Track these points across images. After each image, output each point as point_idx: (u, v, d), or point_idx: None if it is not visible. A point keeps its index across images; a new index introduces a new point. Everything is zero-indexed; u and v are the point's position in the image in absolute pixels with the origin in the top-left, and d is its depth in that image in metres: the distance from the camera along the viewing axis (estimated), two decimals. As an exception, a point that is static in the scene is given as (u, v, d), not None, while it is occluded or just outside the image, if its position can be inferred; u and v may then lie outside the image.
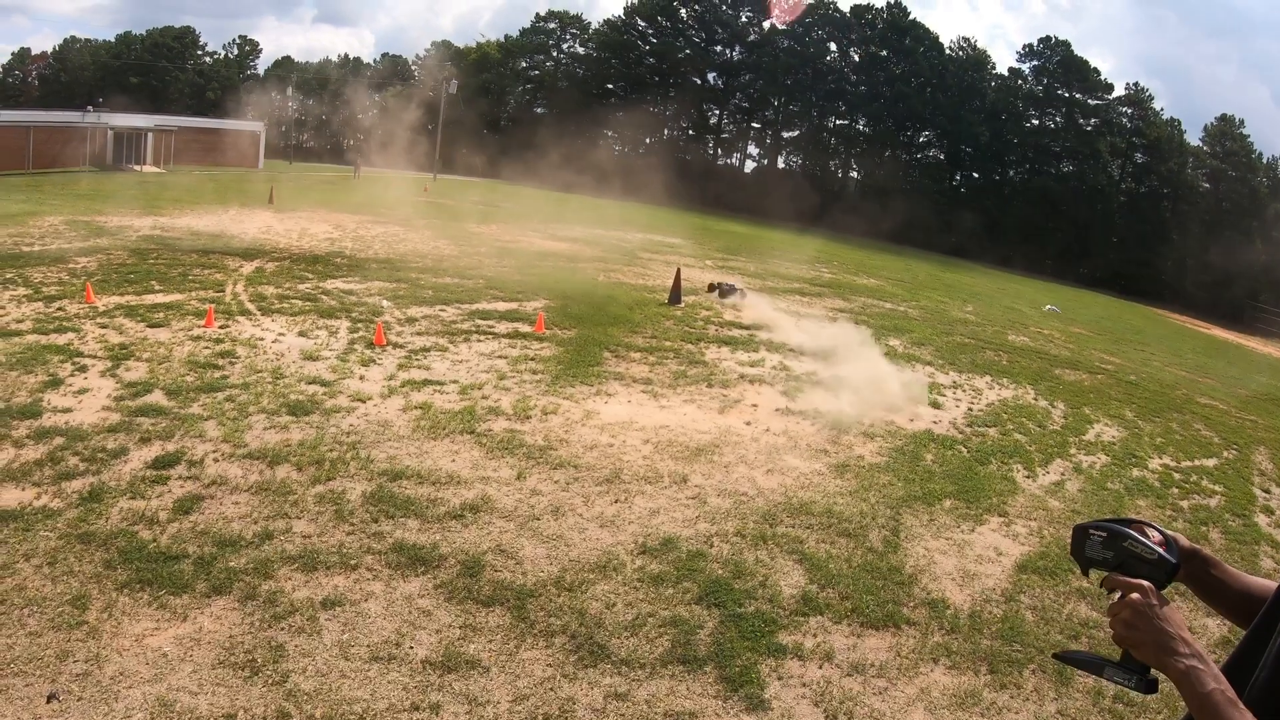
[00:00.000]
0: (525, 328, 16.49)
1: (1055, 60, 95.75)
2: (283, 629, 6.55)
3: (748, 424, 12.37)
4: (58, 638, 6.29)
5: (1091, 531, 2.33)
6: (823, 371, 16.03)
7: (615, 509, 8.99)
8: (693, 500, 9.44)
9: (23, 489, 8.54)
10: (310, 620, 6.67)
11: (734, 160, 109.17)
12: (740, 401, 13.41)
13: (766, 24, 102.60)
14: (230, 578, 7.11)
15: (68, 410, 10.63)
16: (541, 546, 8.06)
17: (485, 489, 9.13)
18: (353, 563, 7.48)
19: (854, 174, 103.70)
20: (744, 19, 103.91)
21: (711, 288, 23.94)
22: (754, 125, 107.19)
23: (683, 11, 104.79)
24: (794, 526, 9.10)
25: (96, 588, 6.90)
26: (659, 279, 24.43)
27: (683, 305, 20.36)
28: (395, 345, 14.49)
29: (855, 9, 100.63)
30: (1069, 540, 2.43)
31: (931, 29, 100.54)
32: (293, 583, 7.13)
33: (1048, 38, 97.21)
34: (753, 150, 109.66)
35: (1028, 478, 12.13)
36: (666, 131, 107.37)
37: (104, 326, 14.47)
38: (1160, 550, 2.25)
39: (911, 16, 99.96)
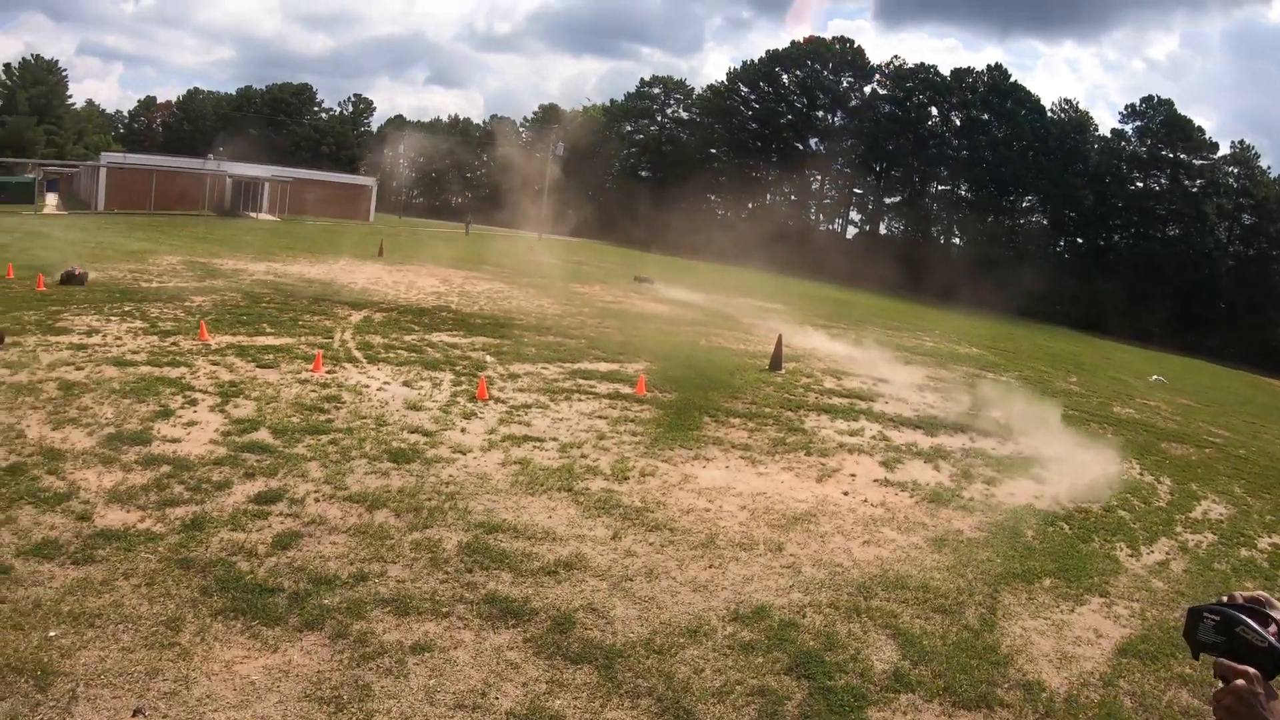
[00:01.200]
0: (626, 389, 16.74)
1: (1158, 120, 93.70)
2: (371, 669, 6.73)
3: (845, 494, 12.31)
4: (149, 655, 6.63)
5: (1205, 615, 2.33)
6: (1027, 447, 16.00)
7: (709, 574, 9.03)
8: (787, 569, 9.42)
9: (128, 511, 9.08)
10: (398, 663, 6.85)
11: (835, 226, 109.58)
12: (839, 471, 13.35)
13: (868, 89, 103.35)
14: (323, 615, 7.37)
15: (176, 440, 11.27)
16: (633, 607, 8.13)
17: (580, 547, 9.27)
18: (444, 610, 7.66)
19: (956, 240, 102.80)
20: (845, 84, 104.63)
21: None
22: (855, 191, 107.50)
23: (785, 77, 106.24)
24: (889, 600, 9.00)
25: (191, 612, 7.25)
26: (760, 344, 24.47)
27: (783, 371, 20.38)
28: (497, 400, 14.86)
29: (956, 72, 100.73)
30: (1182, 621, 2.44)
31: (1032, 91, 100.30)
32: (384, 625, 7.34)
33: (1150, 97, 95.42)
34: (854, 216, 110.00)
35: (1131, 556, 11.74)
36: (769, 196, 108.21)
37: (215, 364, 15.26)
38: (1271, 639, 2.25)
39: (1012, 79, 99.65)
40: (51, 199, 66.50)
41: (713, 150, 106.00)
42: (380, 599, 7.72)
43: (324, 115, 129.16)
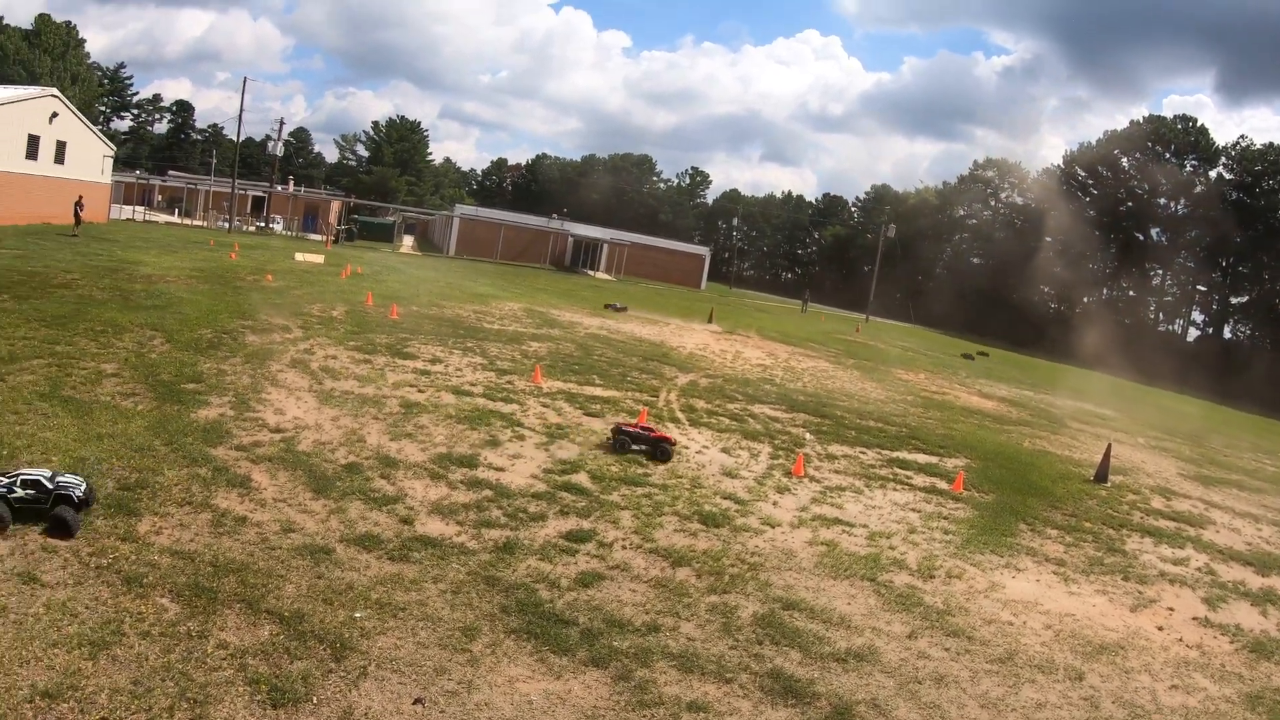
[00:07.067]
0: (943, 484, 16.32)
1: None
2: (645, 717, 7.00)
3: (1159, 629, 11.28)
4: (440, 654, 7.37)
5: None
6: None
7: (1001, 691, 8.61)
8: (1084, 702, 8.77)
9: (447, 524, 10.14)
10: (672, 716, 7.07)
11: (1175, 327, 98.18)
12: (1156, 602, 12.22)
13: (1213, 173, 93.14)
14: (610, 655, 7.76)
15: (500, 469, 12.38)
16: (916, 711, 7.91)
17: (874, 640, 9.15)
18: (728, 676, 7.81)
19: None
20: (1188, 168, 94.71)
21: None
22: (1199, 288, 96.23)
23: (1124, 161, 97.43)
24: (1186, 755, 8.23)
25: (488, 625, 7.94)
26: (1086, 452, 22.99)
27: (1109, 485, 19.01)
28: (812, 479, 14.95)
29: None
30: None
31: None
32: (667, 678, 7.60)
33: None
34: (1196, 316, 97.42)
35: None
36: (1105, 291, 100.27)
37: (545, 406, 16.44)
38: None
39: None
40: (408, 240, 75.92)
41: (1048, 239, 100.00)
42: (668, 652, 8.00)
43: (662, 185, 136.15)
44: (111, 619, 7.00)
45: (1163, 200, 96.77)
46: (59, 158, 40.70)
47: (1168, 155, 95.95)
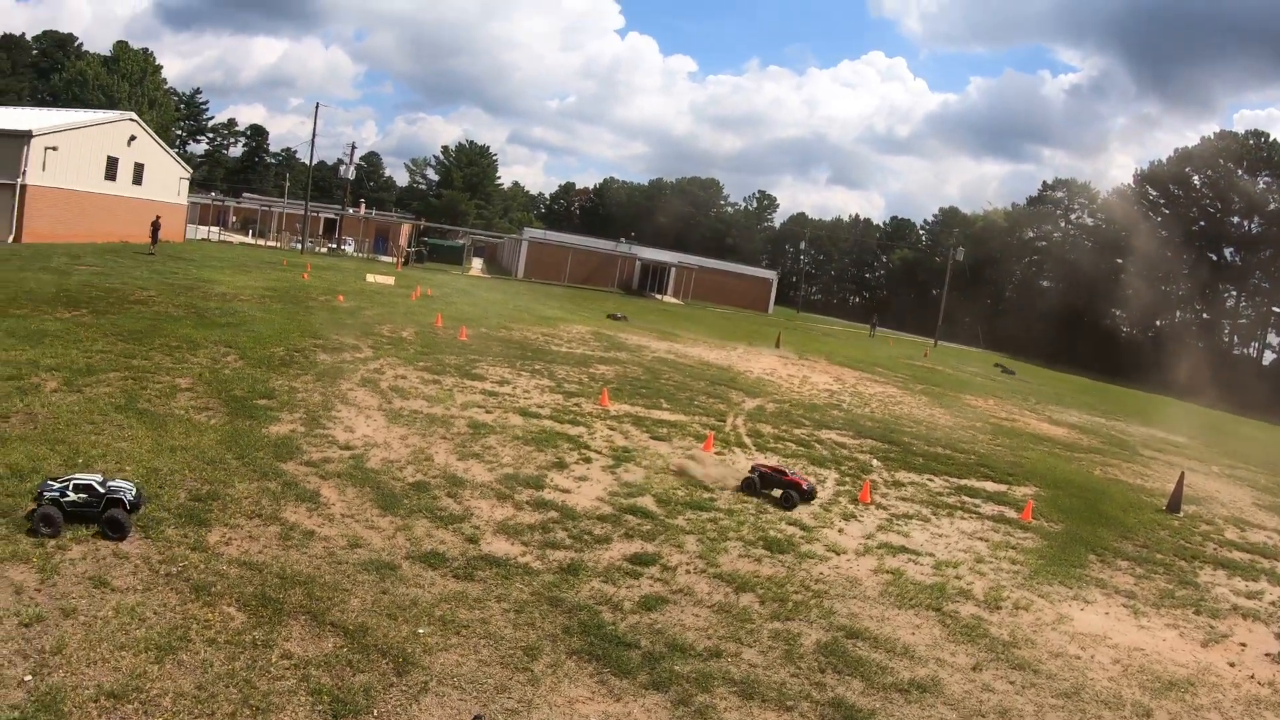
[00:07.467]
0: (1011, 513, 16.06)
1: None
2: (705, 743, 6.96)
3: (1231, 665, 10.92)
4: (501, 673, 7.43)
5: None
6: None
7: (1065, 727, 8.42)
8: None
9: (511, 543, 10.23)
10: (734, 743, 7.02)
11: (1251, 350, 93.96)
12: (1228, 637, 11.84)
13: None
14: (671, 679, 7.75)
15: (566, 491, 12.47)
16: (981, 745, 7.78)
17: (938, 671, 9.01)
18: (789, 704, 7.76)
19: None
20: (1261, 185, 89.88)
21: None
22: (1275, 310, 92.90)
23: (1195, 179, 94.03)
24: (1253, 796, 7.97)
25: (550, 645, 7.99)
26: (1158, 481, 22.44)
27: (1182, 515, 18.52)
28: (879, 506, 14.81)
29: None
30: None
31: None
32: (727, 704, 7.57)
33: None
34: (1273, 339, 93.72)
35: None
36: (1178, 314, 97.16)
37: (612, 429, 16.51)
38: None
39: None
40: (477, 263, 77.34)
41: (1118, 260, 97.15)
42: (729, 678, 7.98)
43: (729, 209, 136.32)
44: (179, 625, 7.20)
45: (1236, 218, 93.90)
46: (137, 179, 42.02)
47: (1240, 172, 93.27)
